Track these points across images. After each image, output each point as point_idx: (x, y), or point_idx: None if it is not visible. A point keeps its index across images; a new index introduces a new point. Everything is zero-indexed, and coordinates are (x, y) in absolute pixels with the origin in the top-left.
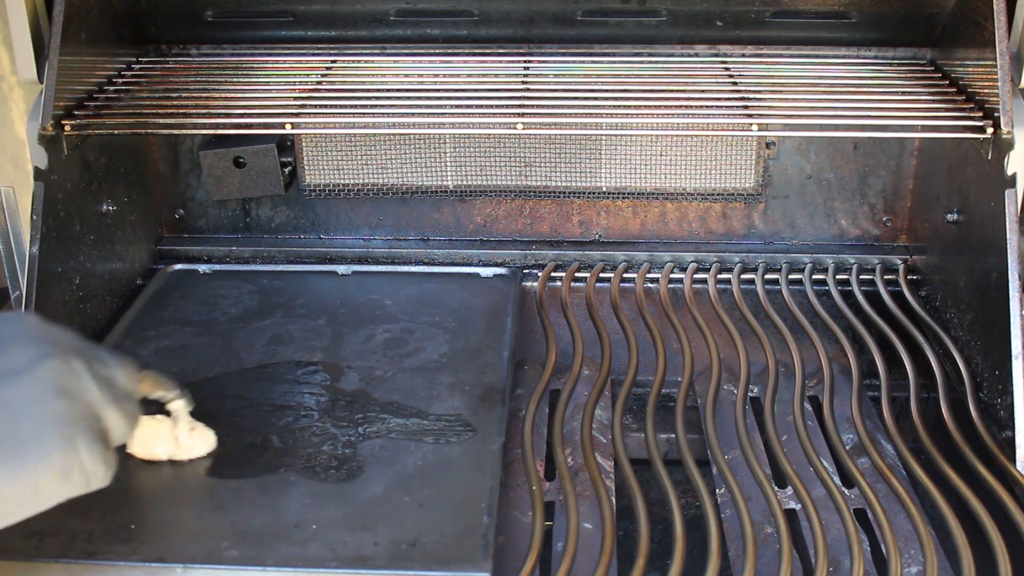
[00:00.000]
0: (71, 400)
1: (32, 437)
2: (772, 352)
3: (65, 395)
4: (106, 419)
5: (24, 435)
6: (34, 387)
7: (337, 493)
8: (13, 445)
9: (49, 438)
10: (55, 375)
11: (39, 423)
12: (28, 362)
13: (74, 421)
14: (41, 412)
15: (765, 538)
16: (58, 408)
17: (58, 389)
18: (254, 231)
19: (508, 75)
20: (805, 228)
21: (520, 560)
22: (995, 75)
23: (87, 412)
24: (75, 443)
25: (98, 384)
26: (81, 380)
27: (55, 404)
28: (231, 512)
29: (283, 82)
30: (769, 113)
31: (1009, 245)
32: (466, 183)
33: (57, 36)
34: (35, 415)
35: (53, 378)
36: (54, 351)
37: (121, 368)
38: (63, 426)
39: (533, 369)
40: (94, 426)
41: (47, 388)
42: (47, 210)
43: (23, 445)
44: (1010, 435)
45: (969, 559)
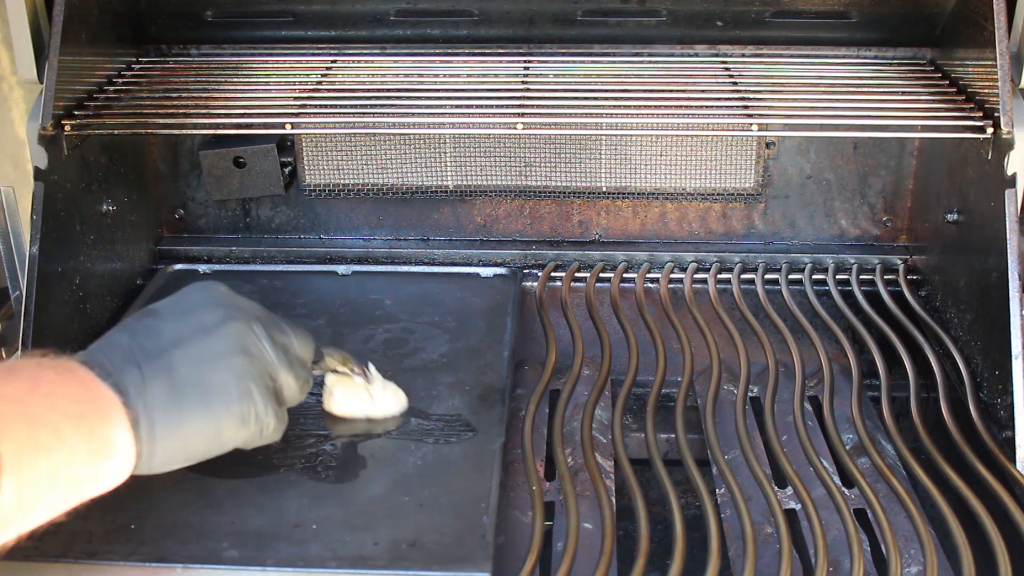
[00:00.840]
0: (251, 358)
1: (217, 387)
2: (772, 352)
3: (246, 353)
4: (280, 380)
5: (210, 384)
6: (220, 344)
7: (337, 493)
8: (201, 392)
9: (231, 388)
10: (238, 335)
11: (223, 375)
12: (216, 323)
13: (252, 376)
14: (224, 366)
15: (765, 538)
16: (239, 364)
17: (240, 348)
18: (254, 231)
19: (508, 75)
20: (805, 228)
21: (520, 560)
22: (995, 75)
23: (264, 370)
24: (252, 395)
25: (274, 348)
26: (260, 342)
27: (237, 360)
28: (231, 512)
29: (283, 82)
30: (769, 113)
31: (1009, 245)
32: (466, 183)
33: (57, 36)
34: (219, 368)
35: (236, 338)
36: (238, 315)
37: (298, 338)
38: (243, 379)
39: (533, 369)
40: (269, 384)
41: (231, 346)
42: (47, 210)
43: (210, 393)
44: (1010, 435)
45: (969, 559)
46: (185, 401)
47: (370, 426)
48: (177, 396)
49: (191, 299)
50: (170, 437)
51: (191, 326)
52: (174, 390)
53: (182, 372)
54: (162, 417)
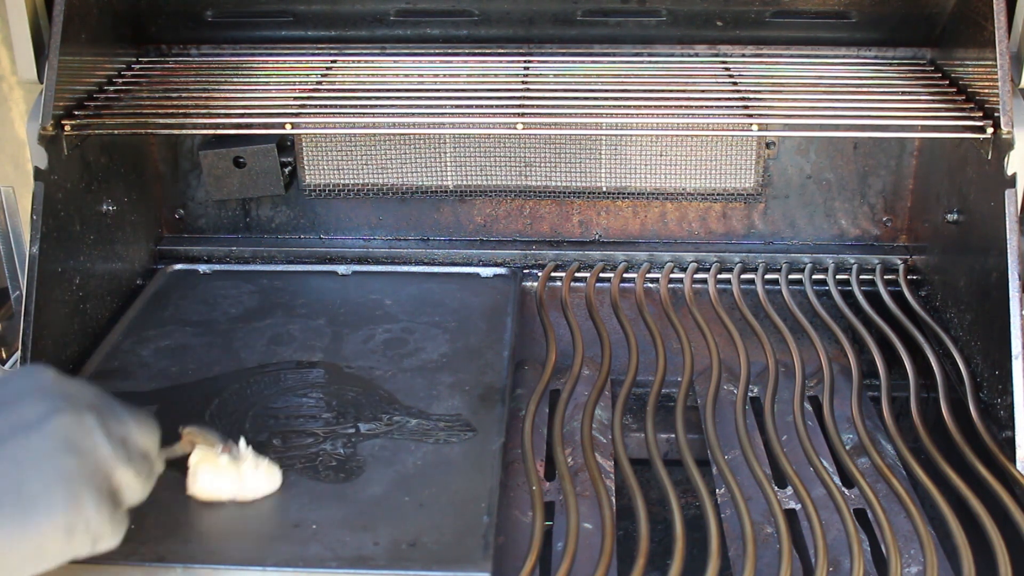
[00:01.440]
0: (80, 457)
1: (38, 494)
2: (772, 352)
3: (74, 452)
4: (118, 478)
5: (30, 491)
6: (43, 443)
7: (337, 493)
8: (18, 501)
9: (55, 495)
10: (65, 431)
11: (46, 480)
12: (39, 417)
13: (82, 479)
14: (48, 468)
15: (765, 538)
16: (66, 465)
17: (68, 445)
18: (254, 231)
19: (508, 75)
20: (805, 228)
21: (520, 560)
22: (995, 75)
23: (97, 470)
24: (81, 502)
25: (111, 442)
26: (93, 437)
27: (63, 461)
28: (231, 512)
29: (283, 82)
30: (769, 113)
31: (1009, 245)
32: (466, 183)
33: (57, 36)
34: (42, 471)
35: (63, 434)
36: (66, 406)
37: (140, 426)
38: (70, 484)
39: (533, 369)
40: (103, 485)
41: (56, 444)
42: (47, 210)
43: (28, 502)
44: (1010, 435)
45: (969, 559)
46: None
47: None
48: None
49: (12, 388)
50: None
51: (9, 421)
52: None
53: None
54: None
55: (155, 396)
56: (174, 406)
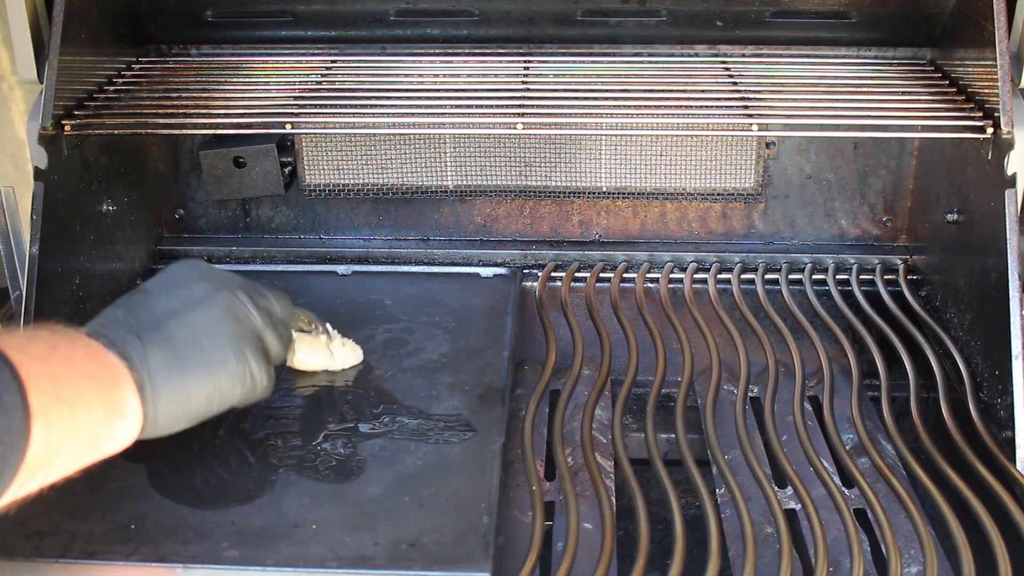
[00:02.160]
0: (240, 323)
1: (214, 350)
2: (772, 352)
3: (235, 318)
4: (266, 340)
5: (208, 349)
6: (212, 312)
7: (337, 493)
8: (200, 357)
9: (226, 351)
10: (226, 303)
11: (218, 340)
12: (205, 293)
13: (244, 339)
14: (219, 331)
15: (765, 538)
16: (230, 328)
17: (230, 314)
18: (254, 231)
19: (508, 75)
20: (805, 228)
21: (520, 560)
22: (995, 75)
23: (252, 332)
24: (246, 355)
25: (260, 312)
26: (247, 308)
27: (228, 325)
28: (231, 512)
29: (283, 82)
30: (769, 113)
31: (1009, 245)
32: (466, 183)
33: (57, 36)
34: (215, 333)
35: (225, 306)
36: (224, 285)
37: (278, 301)
38: (236, 342)
39: (533, 369)
40: (258, 344)
41: (221, 313)
42: (47, 210)
43: (208, 356)
44: (1010, 435)
45: (969, 559)
46: (185, 366)
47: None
48: (177, 362)
49: (177, 275)
50: (173, 400)
51: (182, 298)
52: (174, 357)
53: (179, 340)
54: (164, 381)
55: None
56: None
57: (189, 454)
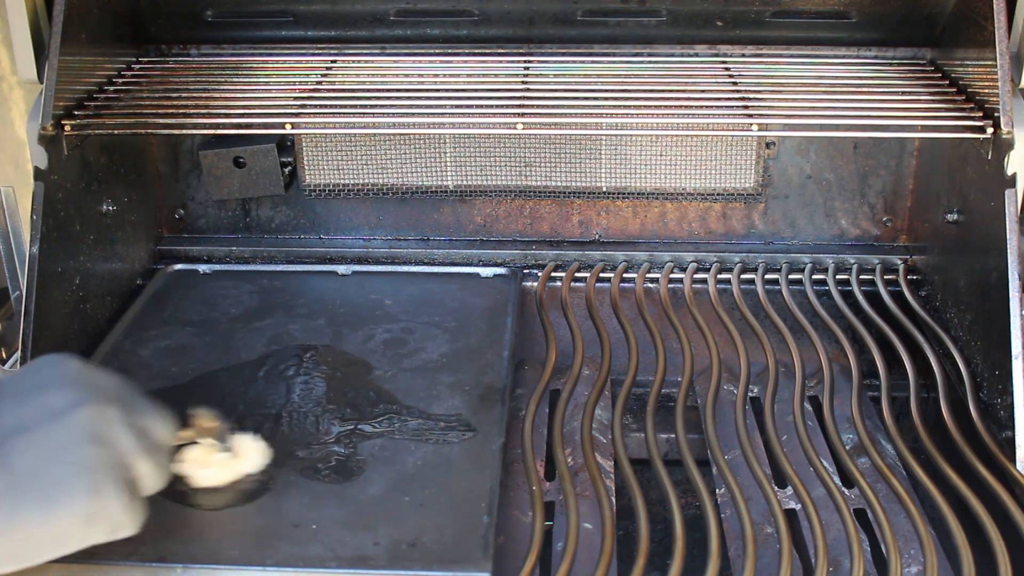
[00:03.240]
0: (102, 448)
1: (60, 482)
2: (772, 352)
3: (97, 442)
4: (137, 469)
5: (53, 479)
6: (67, 432)
7: (337, 493)
8: (41, 488)
9: (77, 484)
10: (88, 422)
11: (68, 468)
12: (64, 407)
13: (103, 469)
14: (71, 458)
15: (765, 538)
16: (88, 455)
17: (90, 436)
18: (254, 231)
19: (508, 75)
20: (805, 228)
21: (520, 560)
22: (995, 75)
23: (117, 460)
24: (102, 490)
25: (132, 433)
26: (114, 429)
27: (86, 450)
28: (231, 512)
29: (283, 82)
30: (769, 113)
31: (1009, 245)
32: (466, 183)
33: (57, 36)
34: (65, 460)
35: (86, 425)
36: (90, 398)
37: (158, 419)
38: (92, 473)
39: (533, 369)
40: (123, 475)
41: (79, 434)
42: (47, 210)
43: (51, 489)
44: (1010, 435)
45: (969, 559)
46: (22, 501)
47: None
48: (12, 493)
49: (38, 377)
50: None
51: (35, 410)
52: (10, 486)
53: (20, 465)
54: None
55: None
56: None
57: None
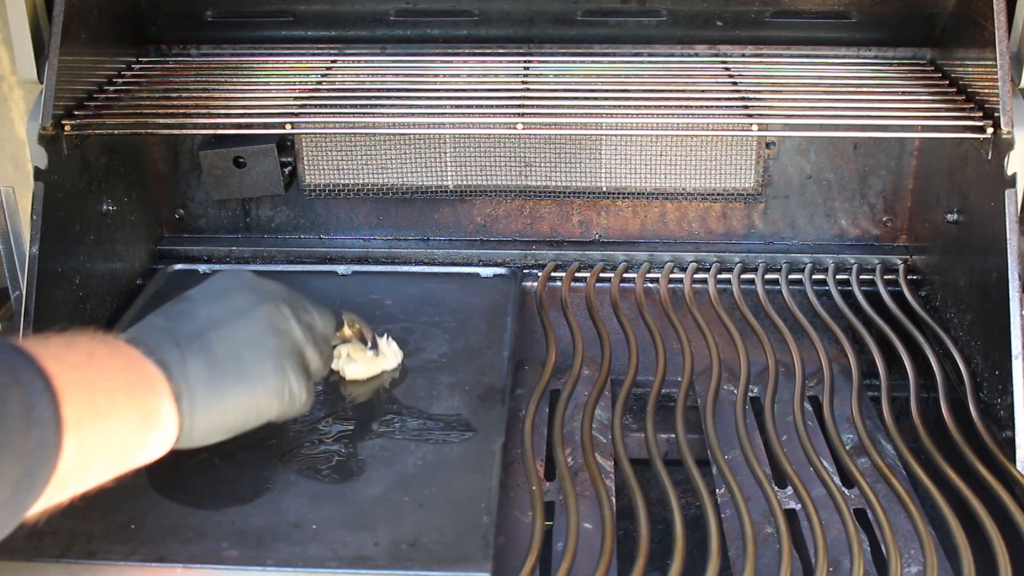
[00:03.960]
0: (281, 337)
1: (253, 363)
2: (772, 352)
3: (277, 333)
4: (307, 356)
5: (247, 361)
6: (253, 325)
7: (337, 493)
8: (239, 370)
9: (266, 365)
10: (268, 316)
11: (258, 353)
12: (247, 305)
13: (284, 353)
14: (259, 344)
15: (765, 538)
16: (272, 342)
17: (271, 328)
18: (254, 231)
19: (508, 75)
20: (805, 228)
21: (520, 560)
22: (995, 75)
23: (293, 347)
24: (285, 370)
25: (301, 327)
26: (288, 322)
27: (269, 339)
28: (231, 512)
29: (283, 82)
30: (769, 113)
31: (1009, 245)
32: (466, 183)
33: (57, 36)
34: (255, 347)
35: (267, 319)
36: (267, 297)
37: (321, 316)
38: (276, 356)
39: (533, 369)
40: (299, 359)
41: (263, 326)
42: (47, 210)
43: (247, 370)
44: (1010, 435)
45: (969, 559)
46: (224, 378)
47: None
48: (216, 374)
49: (221, 285)
50: (210, 411)
51: (224, 309)
52: (213, 368)
53: (219, 351)
54: (203, 393)
55: None
56: None
57: (189, 453)
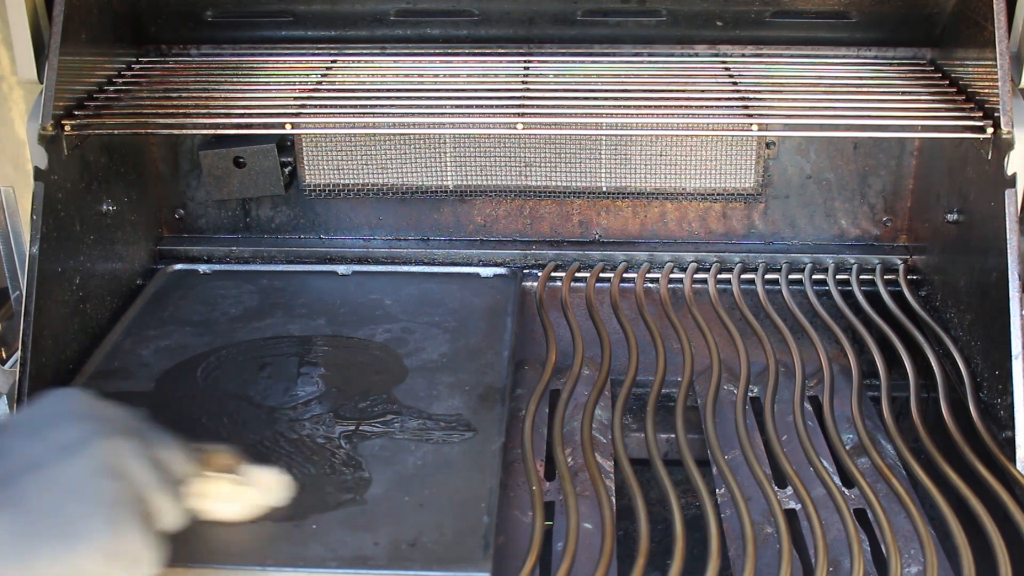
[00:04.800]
0: (119, 482)
1: (77, 519)
2: (772, 352)
3: (112, 476)
4: (155, 503)
5: (69, 517)
6: (81, 467)
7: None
8: (58, 525)
9: (94, 520)
10: (104, 455)
11: (84, 504)
12: (76, 441)
13: (121, 503)
14: (88, 493)
15: (765, 538)
16: (105, 489)
17: (106, 470)
18: (254, 231)
19: (508, 75)
20: (805, 228)
21: (520, 560)
22: (995, 75)
23: (135, 495)
24: (121, 526)
25: (148, 466)
26: (130, 461)
27: (102, 485)
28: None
29: (283, 82)
30: (769, 113)
31: (1009, 245)
32: (466, 183)
33: (57, 36)
34: (82, 496)
35: (101, 458)
36: (104, 430)
37: (174, 451)
38: (109, 508)
39: (533, 369)
40: (141, 509)
41: (95, 468)
42: (47, 210)
43: (68, 526)
44: (1010, 435)
45: (969, 559)
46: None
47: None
48: (28, 533)
49: (49, 411)
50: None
51: (48, 445)
52: (25, 525)
53: (35, 503)
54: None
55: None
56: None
57: None
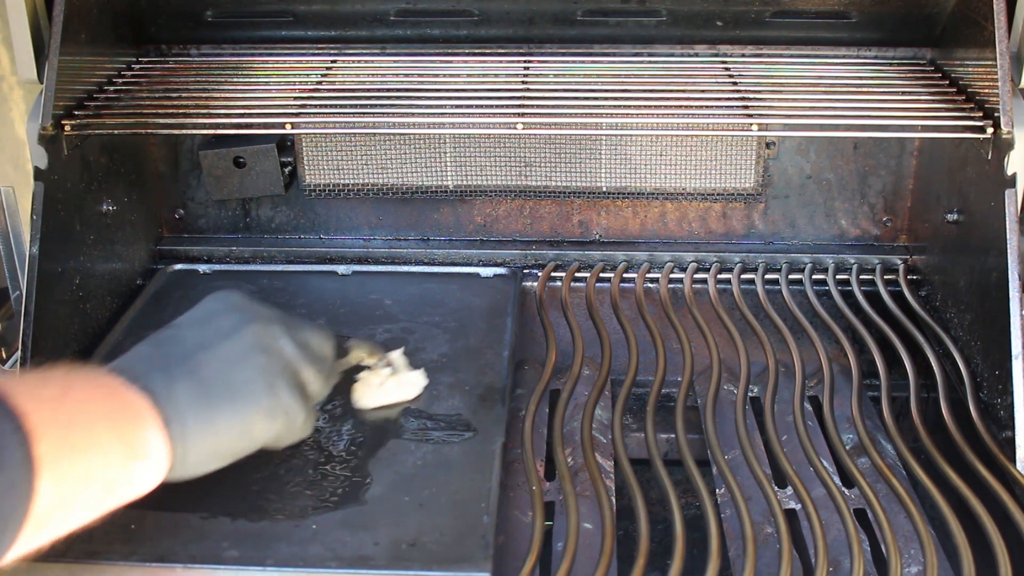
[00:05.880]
0: (271, 356)
1: (243, 383)
2: (772, 352)
3: (267, 351)
4: (303, 375)
5: (235, 382)
6: (241, 345)
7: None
8: (228, 390)
9: (256, 384)
10: (256, 336)
11: (248, 372)
12: (234, 326)
13: (274, 372)
14: (248, 365)
15: (765, 538)
16: (260, 361)
17: (260, 346)
18: (254, 231)
19: (508, 75)
20: (805, 228)
21: (520, 560)
22: (995, 75)
23: (286, 366)
24: (276, 389)
25: (294, 345)
26: (278, 340)
27: (257, 358)
28: (231, 512)
29: (283, 82)
30: (769, 113)
31: (1009, 245)
32: (466, 183)
33: (57, 36)
34: (244, 366)
35: (255, 338)
36: (255, 318)
37: (318, 336)
38: (266, 375)
39: (533, 369)
40: (293, 379)
41: (251, 345)
42: (47, 210)
43: (235, 390)
44: (1010, 435)
45: (969, 559)
46: (213, 399)
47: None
48: (205, 395)
49: (208, 308)
50: (202, 435)
51: (211, 332)
52: (201, 390)
53: (207, 373)
54: (192, 416)
55: None
56: None
57: None
